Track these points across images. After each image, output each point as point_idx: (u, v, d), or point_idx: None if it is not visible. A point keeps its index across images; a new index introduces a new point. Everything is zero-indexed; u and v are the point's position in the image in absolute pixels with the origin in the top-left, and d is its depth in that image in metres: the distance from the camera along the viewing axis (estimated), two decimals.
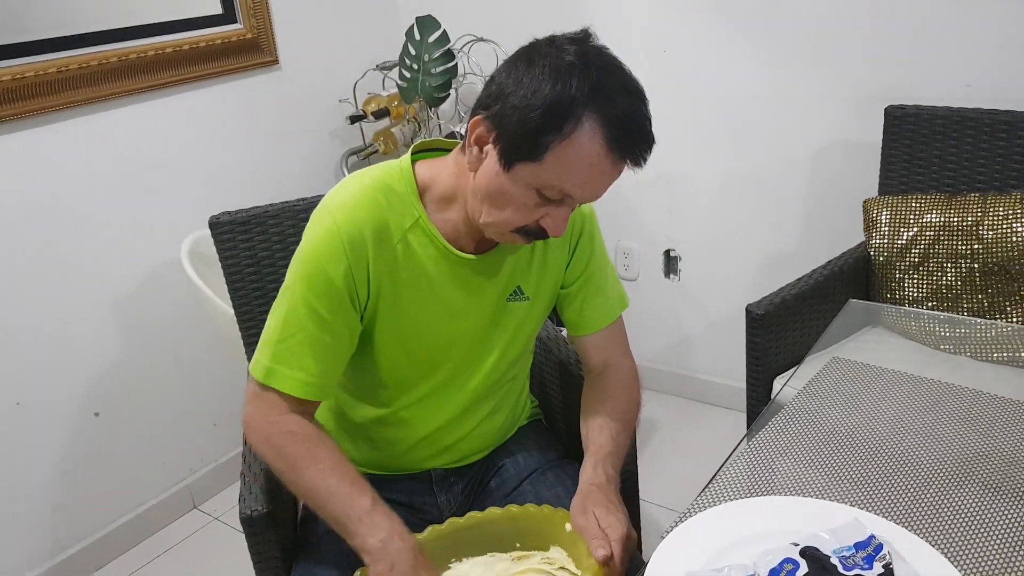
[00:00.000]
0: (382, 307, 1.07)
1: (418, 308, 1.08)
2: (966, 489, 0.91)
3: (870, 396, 1.11)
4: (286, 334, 1.03)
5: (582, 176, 0.93)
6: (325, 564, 1.12)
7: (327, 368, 1.05)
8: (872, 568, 0.78)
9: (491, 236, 1.02)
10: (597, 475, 1.05)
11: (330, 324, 1.03)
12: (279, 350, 1.03)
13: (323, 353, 1.03)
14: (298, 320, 1.02)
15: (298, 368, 1.03)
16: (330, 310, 1.02)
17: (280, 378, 1.03)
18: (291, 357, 1.03)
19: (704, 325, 2.44)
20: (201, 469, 2.26)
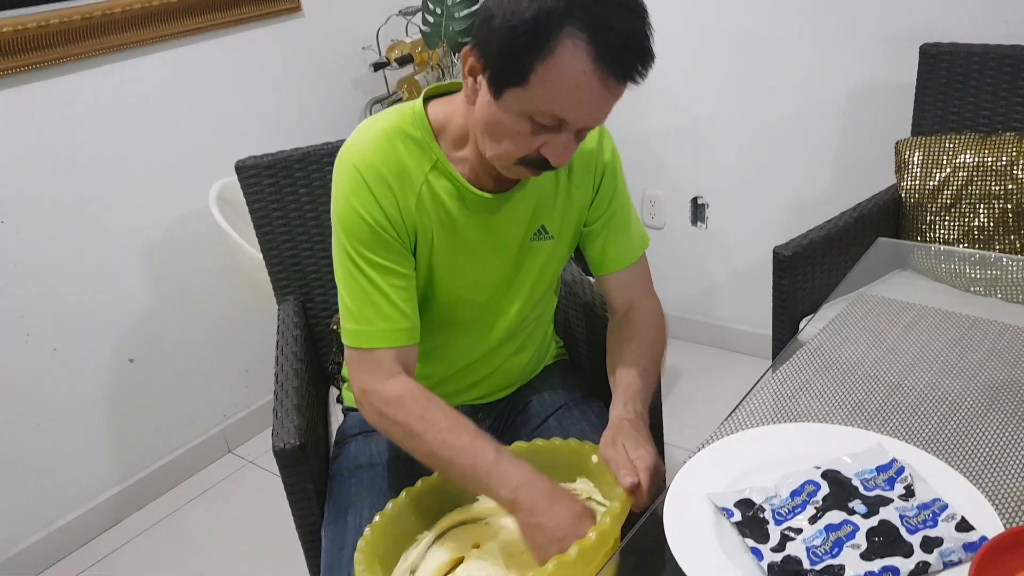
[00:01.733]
0: (419, 252, 1.08)
1: (446, 251, 1.09)
2: (991, 418, 0.91)
3: (895, 331, 1.11)
4: (356, 292, 1.04)
5: (571, 98, 0.89)
6: (357, 496, 1.16)
7: (407, 309, 1.05)
8: (893, 489, 0.79)
9: (502, 171, 1.02)
10: (627, 411, 1.05)
11: (389, 267, 1.04)
12: (355, 310, 1.04)
13: (397, 295, 1.04)
14: (361, 275, 1.03)
15: (380, 319, 1.03)
16: (382, 254, 1.03)
17: (367, 336, 1.03)
18: (369, 312, 1.03)
19: (730, 272, 2.42)
20: (234, 415, 2.31)
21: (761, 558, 0.73)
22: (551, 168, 0.98)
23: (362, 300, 1.03)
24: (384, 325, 1.03)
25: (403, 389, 1.03)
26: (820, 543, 0.74)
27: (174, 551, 1.98)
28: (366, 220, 1.02)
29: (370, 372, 1.04)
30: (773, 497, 0.80)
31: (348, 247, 1.03)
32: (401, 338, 1.04)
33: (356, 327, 1.04)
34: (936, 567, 0.70)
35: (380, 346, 1.03)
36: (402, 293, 1.05)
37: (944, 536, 0.72)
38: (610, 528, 0.88)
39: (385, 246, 1.03)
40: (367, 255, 1.03)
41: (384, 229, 1.03)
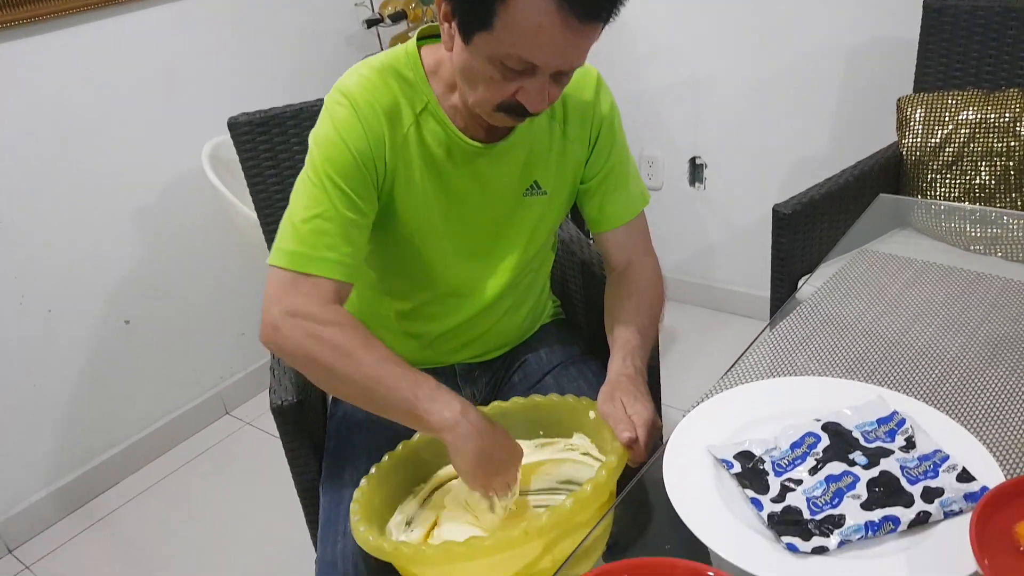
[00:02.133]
0: (398, 194, 1.05)
1: (433, 199, 1.07)
2: (992, 372, 0.91)
3: (895, 287, 1.10)
4: (312, 214, 0.98)
5: (535, 40, 0.86)
6: (354, 452, 1.15)
7: (357, 249, 1.01)
8: (894, 441, 0.79)
9: (485, 118, 1.00)
10: (626, 367, 1.05)
11: (355, 202, 1.00)
12: (305, 232, 0.97)
13: (352, 232, 1.00)
14: (325, 199, 0.98)
15: (329, 249, 0.97)
16: (354, 187, 1.00)
17: (312, 262, 0.97)
18: (320, 238, 0.97)
19: (729, 234, 2.41)
20: (231, 377, 2.31)
21: (761, 508, 0.73)
22: (530, 114, 0.96)
23: (316, 224, 0.97)
24: (332, 255, 0.98)
25: (343, 316, 0.98)
26: (820, 494, 0.74)
27: (173, 511, 1.99)
28: (348, 148, 0.99)
29: (305, 295, 0.97)
30: (773, 449, 0.80)
31: (320, 170, 0.99)
32: (345, 272, 0.99)
33: (299, 249, 0.97)
34: (937, 517, 0.70)
35: (323, 275, 0.97)
36: (356, 230, 1.00)
37: (945, 486, 0.72)
38: (606, 481, 0.88)
39: (359, 179, 1.00)
40: (338, 181, 0.98)
41: (364, 162, 1.00)
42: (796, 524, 0.71)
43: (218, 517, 1.95)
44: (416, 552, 0.87)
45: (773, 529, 0.71)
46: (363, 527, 0.93)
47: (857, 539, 0.69)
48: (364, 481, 1.02)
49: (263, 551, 1.82)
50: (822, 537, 0.69)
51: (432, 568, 0.89)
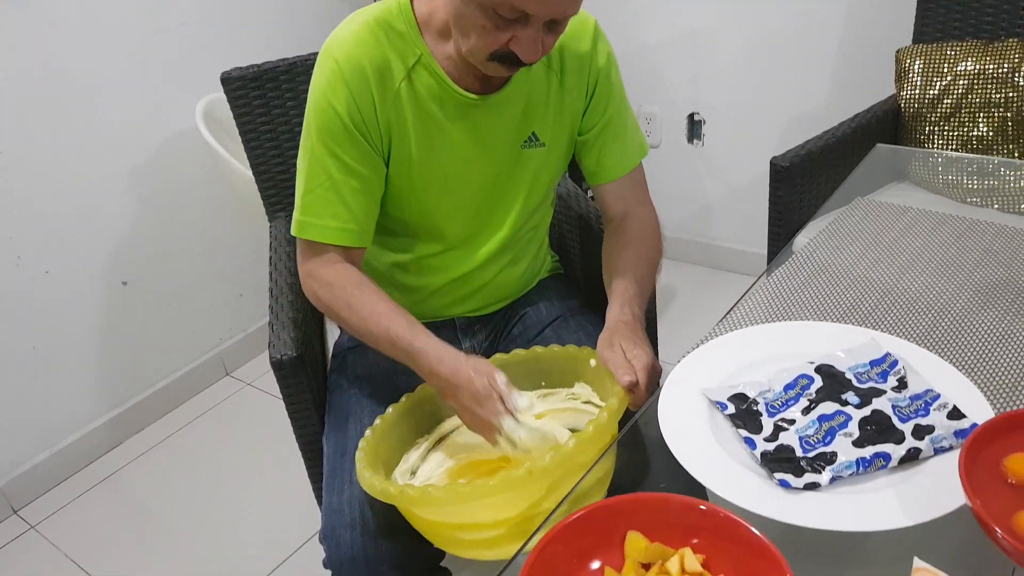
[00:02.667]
0: (395, 151, 1.06)
1: (428, 153, 1.07)
2: (985, 315, 0.92)
3: (890, 234, 1.10)
4: (312, 184, 1.04)
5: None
6: (358, 404, 1.17)
7: (360, 212, 1.06)
8: (887, 382, 0.80)
9: (479, 68, 0.99)
10: (624, 313, 1.05)
11: (353, 167, 1.03)
12: (307, 202, 1.05)
13: (352, 197, 1.04)
14: (321, 168, 1.03)
15: (329, 216, 1.04)
16: (350, 152, 1.02)
17: (312, 229, 1.05)
18: (320, 206, 1.04)
19: (727, 191, 2.41)
20: (231, 338, 2.32)
21: (754, 447, 0.74)
22: (523, 64, 0.96)
23: (317, 193, 1.04)
24: (333, 223, 1.04)
25: (344, 273, 1.06)
26: (813, 432, 0.75)
27: (175, 471, 2.02)
28: (339, 115, 1.00)
29: (315, 259, 1.07)
30: (767, 391, 0.81)
31: (315, 139, 1.02)
32: (349, 238, 1.06)
33: (305, 219, 1.05)
34: (927, 453, 0.71)
35: (328, 242, 1.05)
36: (358, 196, 1.05)
37: (936, 424, 0.73)
38: (607, 422, 0.89)
39: (354, 144, 1.02)
40: (334, 149, 1.02)
41: (356, 127, 1.01)
42: (788, 461, 0.72)
43: (221, 475, 1.98)
44: (422, 494, 0.88)
45: (766, 467, 0.72)
46: (368, 473, 0.94)
47: (848, 475, 0.70)
48: (369, 431, 1.03)
49: (266, 507, 1.85)
50: (814, 474, 0.70)
51: (437, 509, 0.90)
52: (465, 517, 0.89)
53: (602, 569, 0.65)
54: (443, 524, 0.93)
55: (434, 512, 0.91)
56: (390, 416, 1.06)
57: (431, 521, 0.94)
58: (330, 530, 1.01)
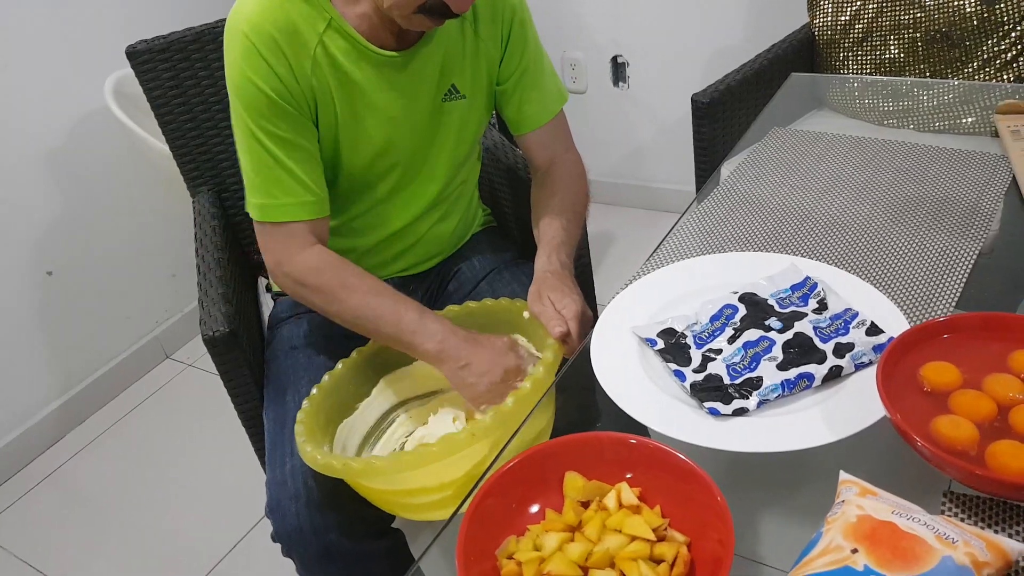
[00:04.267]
0: (320, 116, 1.03)
1: (352, 115, 1.05)
2: (900, 232, 0.94)
3: (808, 161, 1.12)
4: (258, 166, 1.01)
5: None
6: (295, 375, 1.15)
7: (312, 182, 1.03)
8: (807, 305, 0.82)
9: (401, 23, 0.97)
10: (551, 263, 1.06)
11: (290, 140, 1.01)
12: (258, 184, 1.02)
13: (300, 168, 1.02)
14: (260, 148, 1.00)
15: (284, 194, 1.01)
16: (282, 126, 1.00)
17: (274, 210, 1.02)
18: (272, 186, 1.01)
19: (656, 131, 2.42)
20: (167, 320, 2.27)
21: (684, 379, 0.76)
22: (453, 15, 0.94)
23: (265, 174, 1.01)
24: (289, 199, 1.02)
25: (318, 258, 1.03)
26: (739, 360, 0.76)
27: (122, 460, 1.98)
28: (262, 90, 0.98)
29: (283, 245, 1.04)
30: (694, 324, 0.83)
31: (247, 119, 0.99)
32: (310, 211, 1.03)
33: (261, 201, 1.02)
34: (848, 370, 0.74)
35: (289, 219, 1.02)
36: (304, 166, 1.02)
37: (855, 341, 0.76)
38: (544, 377, 0.90)
39: (285, 117, 1.00)
40: (267, 127, 0.99)
41: (282, 98, 0.99)
42: (717, 390, 0.73)
43: (170, 460, 1.95)
44: (365, 466, 0.88)
45: (696, 397, 0.74)
46: (310, 447, 0.93)
47: (775, 398, 0.72)
48: (306, 402, 1.03)
49: (219, 487, 1.83)
50: (742, 399, 0.72)
51: (382, 478, 0.91)
52: (410, 483, 0.90)
53: (542, 512, 0.66)
54: (389, 491, 0.93)
55: (379, 482, 0.91)
56: (327, 384, 1.06)
57: (377, 489, 0.94)
58: (275, 503, 1.00)
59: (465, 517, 0.63)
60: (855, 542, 0.53)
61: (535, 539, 0.63)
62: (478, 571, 0.61)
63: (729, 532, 0.56)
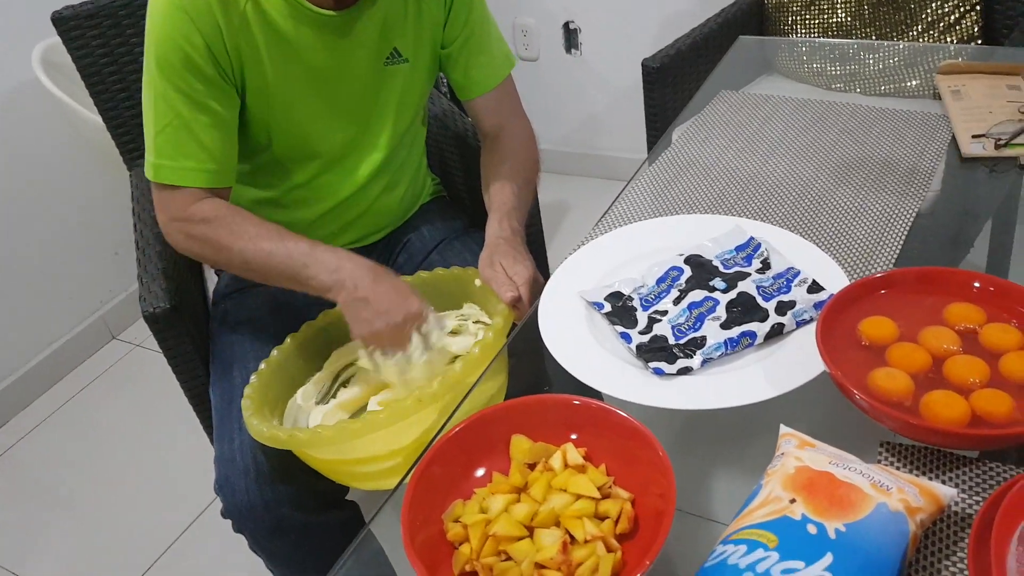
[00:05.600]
0: (249, 80, 1.00)
1: (285, 79, 1.01)
2: (842, 192, 0.95)
3: (754, 123, 1.13)
4: (161, 124, 0.97)
5: None
6: (241, 350, 1.13)
7: (218, 150, 0.99)
8: (751, 265, 0.82)
9: None
10: (503, 229, 1.05)
11: (202, 103, 0.96)
12: (160, 143, 0.97)
13: (206, 134, 0.98)
14: (168, 106, 0.96)
15: (183, 157, 0.97)
16: (197, 87, 0.95)
17: (170, 172, 0.98)
18: (173, 147, 0.97)
19: (609, 99, 2.41)
20: (112, 299, 2.21)
21: (630, 341, 0.76)
22: None
23: (168, 135, 0.97)
24: (190, 163, 0.98)
25: (209, 210, 0.99)
26: (684, 320, 0.77)
27: (70, 444, 1.93)
28: (181, 47, 0.93)
29: (177, 202, 1.00)
30: (640, 287, 0.83)
31: (157, 75, 0.95)
32: (209, 179, 0.99)
33: (159, 161, 0.98)
34: (790, 327, 0.74)
35: (187, 184, 0.99)
36: (213, 132, 0.98)
37: (797, 299, 0.76)
38: (493, 342, 0.89)
39: (202, 78, 0.95)
40: (180, 86, 0.95)
41: (202, 57, 0.94)
42: (662, 350, 0.74)
43: (120, 442, 1.91)
44: (312, 435, 0.87)
45: (641, 358, 0.74)
46: (256, 421, 0.92)
47: (718, 356, 0.73)
48: (254, 377, 1.01)
49: (170, 468, 1.80)
50: (686, 359, 0.72)
51: (330, 448, 0.89)
52: (359, 452, 0.89)
53: (489, 475, 0.66)
54: (338, 461, 0.92)
55: (327, 451, 0.90)
56: (275, 359, 1.04)
57: (326, 460, 0.93)
58: (224, 480, 0.99)
59: (409, 484, 0.62)
60: (793, 492, 0.54)
61: (481, 502, 0.63)
62: (424, 536, 0.61)
63: (671, 486, 0.57)
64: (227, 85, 0.98)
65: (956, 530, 0.58)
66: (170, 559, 1.61)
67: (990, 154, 0.97)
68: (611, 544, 0.58)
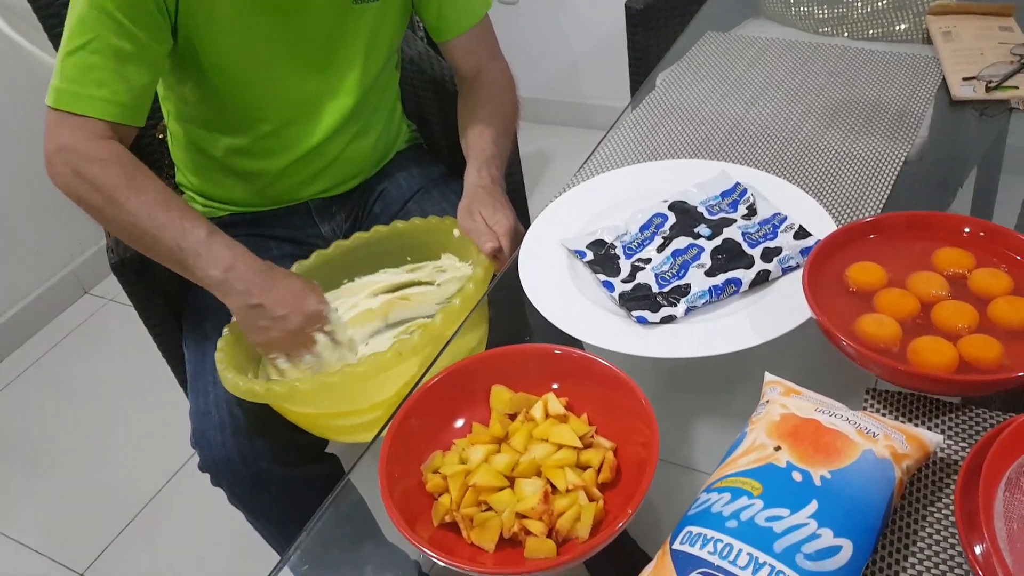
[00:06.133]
0: (200, 19, 0.94)
1: (247, 14, 0.96)
2: (830, 136, 0.93)
3: (740, 66, 1.10)
4: (75, 44, 0.87)
5: None
6: (214, 301, 1.09)
7: (136, 82, 0.91)
8: (737, 211, 0.80)
9: None
10: (482, 178, 1.02)
11: (130, 30, 0.88)
12: (68, 66, 0.88)
13: (129, 66, 0.89)
14: (87, 26, 0.87)
15: (94, 85, 0.88)
16: (129, 14, 0.88)
17: (79, 100, 0.88)
18: (84, 72, 0.88)
19: (592, 45, 2.35)
20: (83, 253, 2.16)
21: (613, 290, 0.74)
22: None
23: (80, 57, 0.88)
24: (101, 92, 0.88)
25: (110, 152, 0.90)
26: (668, 268, 0.75)
27: (44, 401, 1.90)
28: None
29: (73, 132, 0.89)
30: (624, 234, 0.81)
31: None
32: (117, 113, 0.90)
33: (65, 87, 0.89)
34: (776, 274, 0.73)
35: (91, 114, 0.89)
36: (132, 63, 0.89)
37: (783, 245, 0.75)
38: (473, 293, 0.87)
39: (138, 9, 0.88)
40: (108, 8, 0.87)
41: None
42: (645, 299, 0.72)
43: (96, 398, 1.88)
44: (289, 389, 0.85)
45: (624, 306, 0.72)
46: (231, 374, 0.90)
47: (702, 304, 0.71)
48: (227, 329, 0.98)
49: (148, 423, 1.78)
50: (670, 307, 0.71)
51: (308, 401, 0.88)
52: (338, 406, 0.87)
53: (468, 426, 0.65)
54: (318, 415, 0.91)
55: (305, 405, 0.88)
56: None
57: (305, 413, 0.91)
58: (200, 434, 0.97)
59: (387, 435, 0.60)
60: (778, 440, 0.53)
61: (461, 452, 0.61)
62: (403, 487, 0.59)
63: (654, 435, 0.55)
64: (160, 18, 0.91)
65: (942, 476, 0.57)
66: (151, 513, 1.60)
67: (980, 97, 0.95)
68: (593, 493, 0.57)
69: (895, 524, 0.54)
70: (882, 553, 0.53)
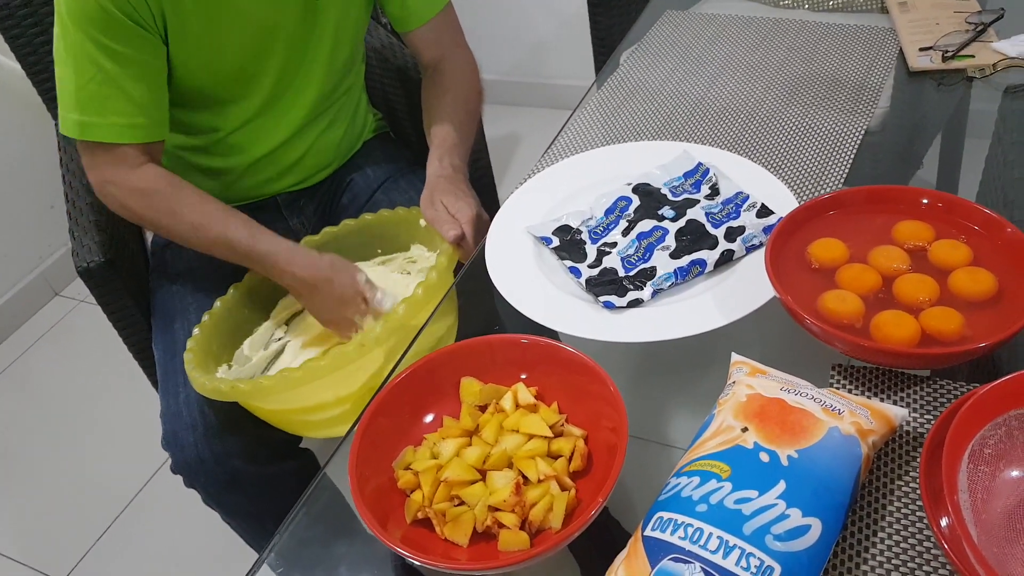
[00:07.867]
0: (172, 23, 0.93)
1: (208, 16, 0.95)
2: (790, 112, 0.93)
3: (702, 42, 1.09)
4: (83, 79, 0.91)
5: None
6: (182, 302, 1.09)
7: (147, 102, 0.94)
8: (700, 191, 0.80)
9: None
10: (443, 167, 1.02)
11: (125, 54, 0.90)
12: (83, 99, 0.91)
13: (133, 87, 0.92)
14: (88, 60, 0.90)
15: (112, 113, 0.92)
16: (118, 39, 0.89)
17: (96, 129, 0.93)
18: (99, 103, 0.91)
19: (556, 24, 2.34)
20: (52, 255, 2.12)
21: (579, 275, 0.74)
22: None
23: (92, 91, 0.91)
24: (119, 120, 0.93)
25: (146, 179, 0.96)
26: (633, 251, 0.75)
27: (18, 405, 1.88)
28: (100, 3, 0.87)
29: (111, 164, 0.96)
30: (589, 219, 0.80)
31: (72, 28, 0.88)
32: (140, 134, 0.95)
33: (85, 119, 0.93)
34: (740, 253, 0.73)
35: (118, 141, 0.94)
36: (141, 85, 0.93)
37: (746, 224, 0.75)
38: (437, 282, 0.87)
39: (123, 31, 0.89)
40: (98, 38, 0.89)
41: (120, 8, 0.88)
42: (612, 283, 0.72)
43: (70, 402, 1.86)
44: (253, 386, 0.85)
45: (591, 291, 0.72)
46: (198, 374, 0.89)
47: (668, 286, 0.71)
48: (197, 329, 0.98)
49: (124, 424, 1.76)
50: (636, 291, 0.71)
51: (274, 397, 0.87)
52: (305, 401, 0.87)
53: (439, 420, 0.65)
54: (286, 411, 0.91)
55: (272, 401, 0.88)
56: (218, 311, 1.00)
57: (273, 410, 0.91)
58: (172, 435, 0.96)
59: (356, 435, 0.60)
60: (745, 420, 0.53)
61: (432, 447, 0.61)
62: (374, 486, 0.59)
63: (622, 420, 0.56)
64: (150, 34, 0.92)
65: (908, 449, 0.58)
66: (129, 517, 1.59)
67: (938, 67, 0.95)
68: (565, 483, 0.57)
69: (863, 500, 0.55)
70: (852, 530, 0.54)
